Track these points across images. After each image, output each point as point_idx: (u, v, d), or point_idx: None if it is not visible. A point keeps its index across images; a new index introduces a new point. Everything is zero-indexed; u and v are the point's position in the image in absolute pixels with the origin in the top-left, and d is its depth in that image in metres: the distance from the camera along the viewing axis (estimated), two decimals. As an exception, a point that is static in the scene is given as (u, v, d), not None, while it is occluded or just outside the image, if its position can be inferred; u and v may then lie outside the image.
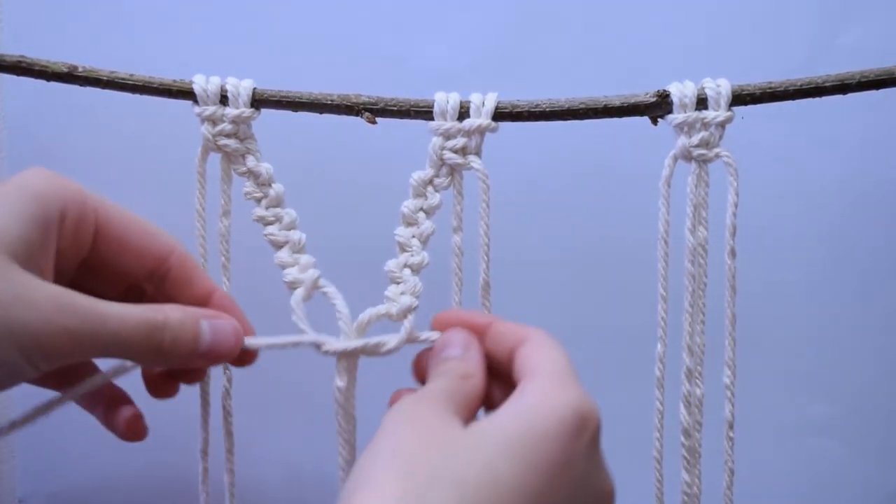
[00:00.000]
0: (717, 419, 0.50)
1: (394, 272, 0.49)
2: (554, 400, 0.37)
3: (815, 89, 0.48)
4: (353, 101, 0.49)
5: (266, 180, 0.50)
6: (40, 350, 0.38)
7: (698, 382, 0.50)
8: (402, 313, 0.47)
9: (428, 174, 0.49)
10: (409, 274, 0.49)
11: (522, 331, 0.43)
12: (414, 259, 0.49)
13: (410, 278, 0.48)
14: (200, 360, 0.43)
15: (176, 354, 0.42)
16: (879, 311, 0.69)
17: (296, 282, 0.48)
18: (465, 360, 0.43)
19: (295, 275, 0.48)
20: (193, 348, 0.43)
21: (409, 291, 0.48)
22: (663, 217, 0.49)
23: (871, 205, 0.68)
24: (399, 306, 0.47)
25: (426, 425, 0.37)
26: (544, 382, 0.39)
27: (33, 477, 0.71)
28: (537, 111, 0.49)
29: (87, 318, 0.39)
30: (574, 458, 0.37)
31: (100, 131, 0.66)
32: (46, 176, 0.42)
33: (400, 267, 0.49)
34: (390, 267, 0.49)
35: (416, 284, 0.48)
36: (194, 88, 0.49)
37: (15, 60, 0.49)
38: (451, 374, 0.42)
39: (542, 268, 0.68)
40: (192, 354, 0.43)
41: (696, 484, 0.51)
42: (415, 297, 0.48)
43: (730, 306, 0.50)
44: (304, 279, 0.48)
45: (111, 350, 0.40)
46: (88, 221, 0.44)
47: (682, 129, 0.48)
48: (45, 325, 0.38)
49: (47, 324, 0.38)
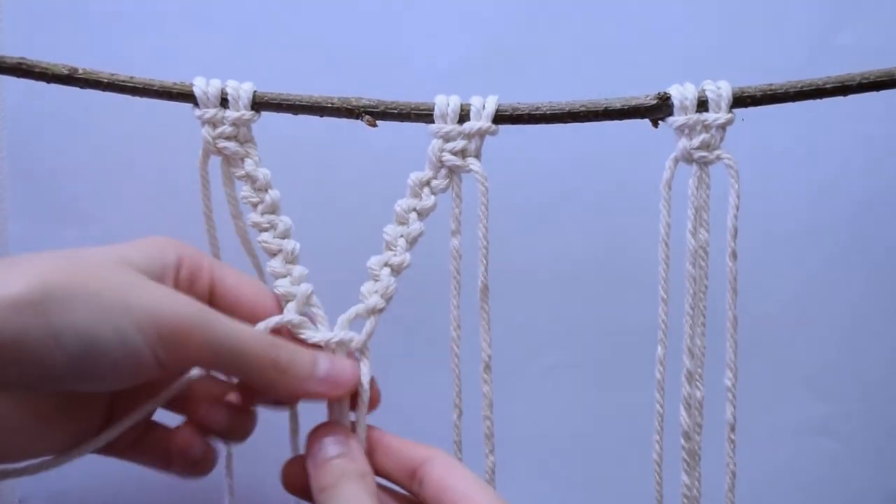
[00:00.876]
0: (717, 421, 0.50)
1: (373, 269, 0.49)
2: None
3: (815, 91, 0.48)
4: (353, 104, 0.49)
5: (263, 185, 0.49)
6: (158, 331, 0.38)
7: (699, 385, 0.50)
8: (368, 313, 0.48)
9: (426, 175, 0.49)
10: (388, 273, 0.49)
11: (424, 449, 0.44)
12: (395, 259, 0.49)
13: (387, 278, 0.49)
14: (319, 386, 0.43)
15: (294, 373, 0.42)
16: (880, 312, 0.69)
17: (287, 295, 0.48)
18: (354, 459, 0.43)
19: (287, 287, 0.48)
20: (311, 372, 0.43)
21: (381, 291, 0.48)
22: (664, 219, 0.49)
23: (871, 207, 0.68)
24: (366, 306, 0.48)
25: None
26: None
27: (33, 477, 0.71)
28: (538, 114, 0.49)
29: (202, 308, 0.40)
30: None
31: (100, 133, 0.66)
32: (166, 237, 0.45)
33: (380, 265, 0.49)
34: (371, 263, 0.49)
35: (389, 286, 0.48)
36: (195, 91, 0.49)
37: (15, 62, 0.49)
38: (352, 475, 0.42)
39: (542, 270, 0.68)
40: (310, 376, 0.43)
41: (697, 487, 0.51)
42: (384, 300, 0.48)
43: (731, 308, 0.50)
44: (297, 294, 0.48)
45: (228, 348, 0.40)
46: (204, 276, 0.45)
47: (683, 131, 0.48)
48: (159, 304, 0.39)
49: (162, 303, 0.39)
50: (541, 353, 0.69)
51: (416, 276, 0.50)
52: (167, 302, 0.39)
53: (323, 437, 0.44)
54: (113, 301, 0.37)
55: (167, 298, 0.39)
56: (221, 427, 0.47)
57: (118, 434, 0.44)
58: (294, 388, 0.43)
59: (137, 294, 0.38)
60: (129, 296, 0.38)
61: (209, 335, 0.40)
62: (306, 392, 0.44)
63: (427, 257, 0.50)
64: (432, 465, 0.43)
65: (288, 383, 0.42)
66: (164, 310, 0.38)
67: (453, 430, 0.50)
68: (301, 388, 0.43)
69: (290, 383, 0.42)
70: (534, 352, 0.69)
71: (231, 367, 0.42)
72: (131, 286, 0.39)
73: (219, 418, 0.46)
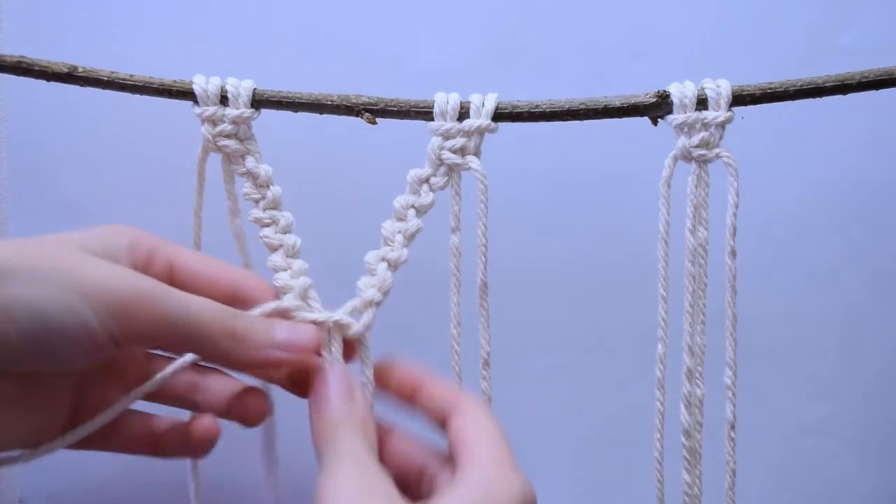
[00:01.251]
0: (717, 420, 0.50)
1: (370, 263, 0.49)
2: (500, 489, 0.38)
3: (815, 90, 0.48)
4: (353, 101, 0.49)
5: (265, 182, 0.50)
6: (107, 304, 0.38)
7: (699, 383, 0.50)
8: (364, 306, 0.48)
9: (425, 172, 0.50)
10: (384, 268, 0.49)
11: (455, 397, 0.44)
12: (392, 254, 0.49)
13: (384, 273, 0.48)
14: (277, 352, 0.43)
15: (250, 342, 0.42)
16: (880, 311, 0.69)
17: (286, 287, 0.48)
18: (354, 407, 0.43)
19: (286, 280, 0.48)
20: (268, 338, 0.43)
21: (378, 286, 0.48)
22: (663, 217, 0.49)
23: (872, 206, 0.68)
24: (362, 300, 0.48)
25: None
26: (488, 468, 0.39)
27: (33, 477, 0.71)
28: (537, 112, 0.49)
29: (155, 283, 0.40)
30: None
31: (100, 132, 0.66)
32: (117, 224, 0.45)
33: (377, 259, 0.49)
34: (368, 258, 0.49)
35: (385, 280, 0.48)
36: (194, 89, 0.49)
37: (15, 61, 0.49)
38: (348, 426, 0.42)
39: (541, 268, 0.68)
40: (269, 343, 0.43)
41: (697, 485, 0.51)
42: (381, 293, 0.48)
43: (730, 306, 0.50)
44: (295, 286, 0.48)
45: (182, 320, 0.40)
46: (159, 256, 0.45)
47: (682, 129, 0.48)
48: (110, 280, 0.38)
49: (113, 279, 0.39)
50: (541, 351, 0.69)
51: (416, 273, 0.50)
52: (116, 276, 0.39)
53: (326, 382, 0.44)
54: (61, 276, 0.37)
55: (116, 272, 0.39)
56: (229, 413, 0.46)
57: (97, 427, 0.43)
58: (252, 356, 0.42)
59: (86, 270, 0.38)
60: (77, 271, 0.38)
61: (161, 306, 0.39)
62: (266, 359, 0.43)
63: (426, 255, 0.50)
64: (457, 413, 0.43)
65: (246, 352, 0.42)
66: (112, 283, 0.38)
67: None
68: (260, 356, 0.42)
69: (247, 352, 0.42)
70: (534, 350, 0.69)
71: (186, 340, 0.41)
72: (81, 263, 0.39)
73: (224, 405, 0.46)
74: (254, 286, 0.46)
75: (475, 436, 0.41)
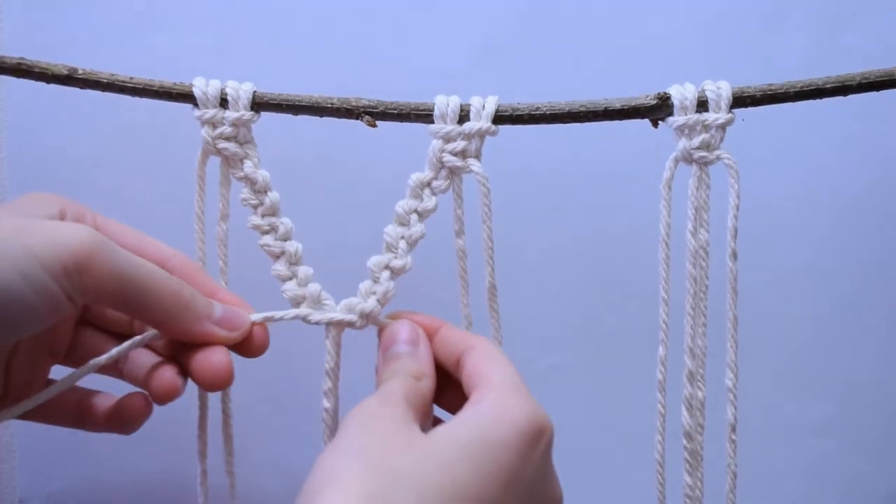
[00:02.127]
0: (718, 421, 0.50)
1: (374, 270, 0.49)
2: (511, 410, 0.39)
3: (815, 91, 0.48)
4: (353, 104, 0.49)
5: (262, 187, 0.49)
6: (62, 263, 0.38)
7: (700, 385, 0.50)
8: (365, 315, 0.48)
9: (427, 176, 0.49)
10: (387, 277, 0.49)
11: (470, 339, 0.45)
12: (396, 262, 0.49)
13: (386, 282, 0.49)
14: (215, 327, 0.44)
15: (193, 311, 0.43)
16: (880, 311, 0.69)
17: (297, 298, 0.48)
18: (417, 360, 0.45)
19: (295, 290, 0.48)
20: (209, 312, 0.44)
21: (379, 296, 0.49)
22: (664, 219, 0.49)
23: (873, 206, 0.68)
24: (361, 308, 0.48)
25: (388, 428, 0.38)
26: (500, 393, 0.40)
27: (33, 477, 0.71)
28: (538, 114, 0.49)
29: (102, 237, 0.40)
30: (529, 466, 0.38)
31: (99, 134, 0.66)
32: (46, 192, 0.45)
33: (381, 266, 0.49)
34: (372, 263, 0.49)
35: (388, 290, 0.49)
36: (194, 91, 0.48)
37: (15, 63, 0.49)
38: (405, 373, 0.43)
39: (543, 270, 0.68)
40: (207, 316, 0.44)
41: (699, 487, 0.51)
42: (379, 304, 0.48)
43: (731, 308, 0.50)
44: (307, 295, 0.48)
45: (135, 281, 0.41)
46: (87, 221, 0.45)
47: (683, 131, 0.48)
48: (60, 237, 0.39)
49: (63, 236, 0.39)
50: (541, 351, 0.69)
51: (416, 275, 0.50)
52: (65, 231, 0.39)
53: (397, 334, 0.46)
54: (11, 244, 0.37)
55: (64, 228, 0.39)
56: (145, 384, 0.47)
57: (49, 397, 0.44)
58: (193, 324, 0.44)
59: (34, 231, 0.38)
60: (26, 235, 0.38)
61: (113, 260, 0.40)
62: (203, 332, 0.44)
63: (427, 258, 0.50)
64: (471, 350, 0.44)
65: (188, 318, 0.43)
66: (63, 240, 0.38)
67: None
68: (199, 327, 0.44)
69: (189, 319, 0.43)
70: (534, 350, 0.69)
71: (134, 298, 0.41)
72: (27, 226, 0.39)
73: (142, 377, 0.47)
74: (178, 263, 0.47)
75: (488, 366, 0.42)
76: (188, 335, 0.45)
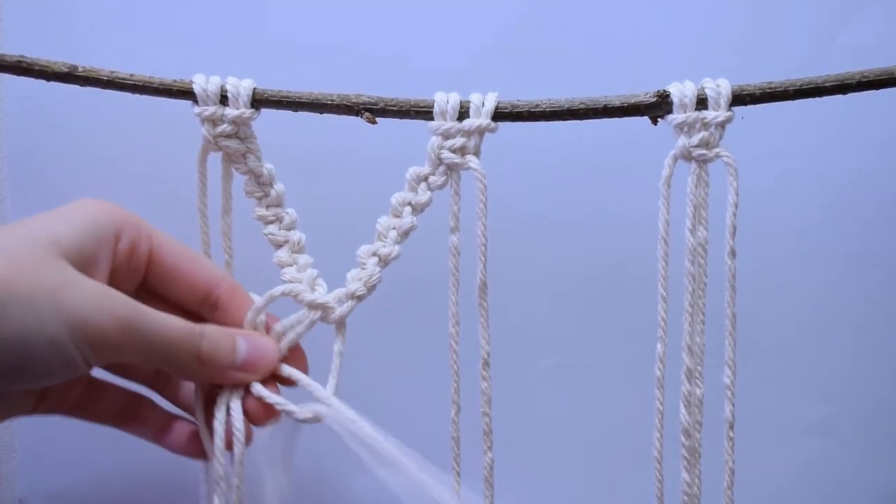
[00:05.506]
0: (717, 419, 0.50)
1: (361, 257, 0.49)
2: None
3: (814, 89, 0.48)
4: (353, 101, 0.49)
5: (267, 180, 0.50)
6: (87, 334, 0.38)
7: (698, 382, 0.50)
8: (347, 297, 0.49)
9: (425, 171, 0.50)
10: (374, 263, 0.49)
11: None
12: (384, 250, 0.49)
13: (372, 267, 0.49)
14: (239, 374, 0.45)
15: (214, 363, 0.44)
16: (880, 311, 0.69)
17: (293, 281, 0.49)
18: None
19: (293, 274, 0.49)
20: (231, 359, 0.45)
21: (364, 279, 0.49)
22: (663, 217, 0.49)
23: (873, 205, 0.68)
24: (346, 290, 0.49)
25: None
26: None
27: (33, 477, 0.71)
28: (537, 111, 0.49)
29: (131, 309, 0.40)
30: None
31: (100, 131, 0.66)
32: (102, 202, 0.44)
33: (369, 254, 0.49)
34: (360, 252, 0.50)
35: (372, 274, 0.49)
36: (194, 88, 0.49)
37: (15, 60, 0.49)
38: None
39: (541, 268, 0.68)
40: (230, 365, 0.45)
41: (697, 484, 0.51)
42: (365, 287, 0.49)
43: (730, 306, 0.50)
44: (302, 279, 0.49)
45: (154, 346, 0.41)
46: (143, 245, 0.45)
47: (682, 129, 0.48)
48: (91, 309, 0.39)
49: (94, 308, 0.39)
50: (540, 351, 0.69)
51: (415, 273, 0.50)
52: (97, 305, 0.39)
53: None
54: (44, 306, 0.38)
55: (97, 301, 0.39)
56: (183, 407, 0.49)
57: None
58: (215, 376, 0.45)
59: (68, 295, 0.38)
60: (60, 298, 0.38)
61: (138, 339, 0.40)
62: (228, 380, 0.45)
63: (425, 254, 0.50)
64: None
65: (207, 375, 0.44)
66: (94, 316, 0.39)
67: (452, 426, 0.51)
68: (221, 377, 0.45)
69: (209, 375, 0.44)
70: (533, 349, 0.69)
71: (156, 363, 0.43)
72: (63, 285, 0.39)
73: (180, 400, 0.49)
74: (226, 290, 0.47)
75: None
76: (214, 382, 0.46)
